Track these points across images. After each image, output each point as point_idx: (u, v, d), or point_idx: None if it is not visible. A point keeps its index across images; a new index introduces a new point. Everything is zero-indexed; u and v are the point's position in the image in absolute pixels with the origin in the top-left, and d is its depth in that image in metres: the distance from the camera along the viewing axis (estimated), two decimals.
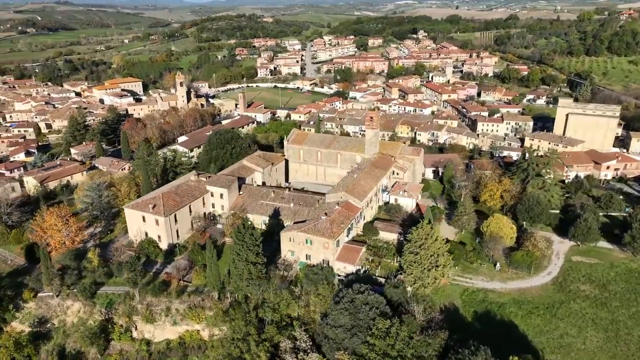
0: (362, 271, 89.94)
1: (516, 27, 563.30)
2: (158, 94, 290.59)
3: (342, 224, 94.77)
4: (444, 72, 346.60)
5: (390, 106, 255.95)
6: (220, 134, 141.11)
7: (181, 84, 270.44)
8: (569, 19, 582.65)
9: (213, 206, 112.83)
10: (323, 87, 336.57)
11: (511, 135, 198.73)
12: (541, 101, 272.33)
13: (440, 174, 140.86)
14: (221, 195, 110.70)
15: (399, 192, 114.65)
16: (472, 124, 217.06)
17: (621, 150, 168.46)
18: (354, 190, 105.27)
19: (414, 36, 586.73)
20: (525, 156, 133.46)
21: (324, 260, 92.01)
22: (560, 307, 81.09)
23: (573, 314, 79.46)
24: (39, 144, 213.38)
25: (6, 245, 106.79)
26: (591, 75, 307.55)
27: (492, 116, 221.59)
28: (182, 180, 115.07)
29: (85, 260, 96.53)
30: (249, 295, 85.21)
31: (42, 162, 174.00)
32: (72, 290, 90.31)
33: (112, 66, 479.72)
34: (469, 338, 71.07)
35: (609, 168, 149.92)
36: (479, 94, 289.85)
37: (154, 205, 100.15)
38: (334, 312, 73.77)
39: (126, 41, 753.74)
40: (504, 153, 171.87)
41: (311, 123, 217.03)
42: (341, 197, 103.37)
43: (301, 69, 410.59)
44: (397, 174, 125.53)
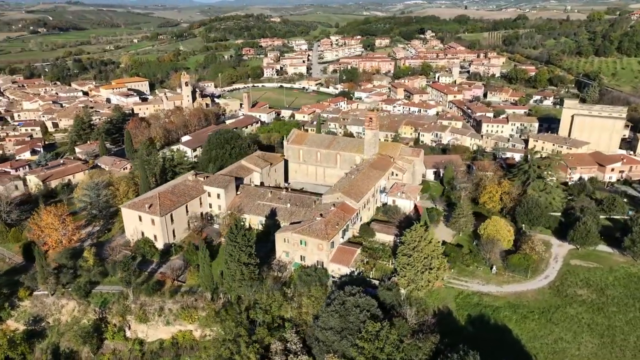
0: (356, 273, 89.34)
1: (525, 27, 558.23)
2: (164, 94, 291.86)
3: (337, 225, 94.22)
4: (450, 72, 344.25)
5: (395, 106, 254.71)
6: (220, 134, 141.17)
7: (186, 84, 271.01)
8: (578, 19, 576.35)
9: (210, 206, 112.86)
10: (328, 87, 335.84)
11: (516, 137, 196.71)
12: (548, 102, 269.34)
13: (441, 175, 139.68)
14: (218, 196, 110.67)
15: (397, 194, 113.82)
16: (477, 124, 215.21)
17: (628, 153, 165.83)
18: (350, 191, 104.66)
19: (422, 36, 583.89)
20: (527, 158, 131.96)
21: (318, 262, 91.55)
22: (556, 311, 79.77)
23: (569, 318, 78.12)
24: (45, 142, 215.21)
25: (5, 244, 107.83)
26: (600, 76, 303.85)
27: (498, 117, 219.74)
28: (180, 180, 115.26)
29: (81, 259, 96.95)
30: (242, 296, 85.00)
31: (46, 160, 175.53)
32: (67, 289, 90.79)
33: (120, 66, 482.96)
34: (461, 342, 70.02)
35: (613, 170, 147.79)
36: (485, 95, 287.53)
37: (150, 205, 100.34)
38: (324, 314, 73.28)
39: (135, 41, 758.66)
40: (507, 154, 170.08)
41: (314, 123, 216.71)
42: (337, 198, 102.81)
43: (307, 69, 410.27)
44: (396, 175, 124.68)
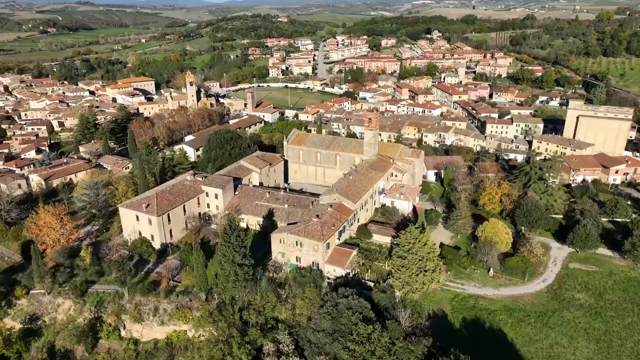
0: (352, 274, 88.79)
1: (533, 27, 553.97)
2: (169, 94, 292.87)
3: (333, 226, 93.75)
4: (456, 73, 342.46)
5: (399, 107, 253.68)
6: (220, 134, 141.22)
7: (191, 84, 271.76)
8: (587, 19, 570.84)
9: (208, 206, 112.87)
10: (333, 88, 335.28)
11: (520, 138, 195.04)
12: (554, 103, 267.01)
13: (442, 176, 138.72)
14: (216, 196, 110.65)
15: (395, 195, 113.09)
16: (482, 125, 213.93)
17: (634, 154, 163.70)
18: (348, 192, 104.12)
19: (428, 36, 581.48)
20: (529, 159, 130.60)
21: (313, 263, 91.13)
22: (552, 315, 78.80)
23: (565, 323, 77.11)
24: (51, 142, 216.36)
25: (5, 242, 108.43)
26: (607, 77, 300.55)
27: (503, 118, 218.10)
28: (178, 180, 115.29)
29: (78, 258, 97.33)
30: (236, 296, 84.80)
31: (50, 159, 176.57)
32: (64, 288, 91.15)
33: (128, 65, 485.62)
34: (454, 345, 69.47)
35: (617, 172, 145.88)
36: (490, 96, 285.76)
37: (147, 205, 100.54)
38: (316, 316, 72.91)
39: (143, 41, 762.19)
40: (510, 156, 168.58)
41: (318, 123, 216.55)
42: (334, 199, 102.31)
43: (313, 69, 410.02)
44: (395, 176, 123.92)
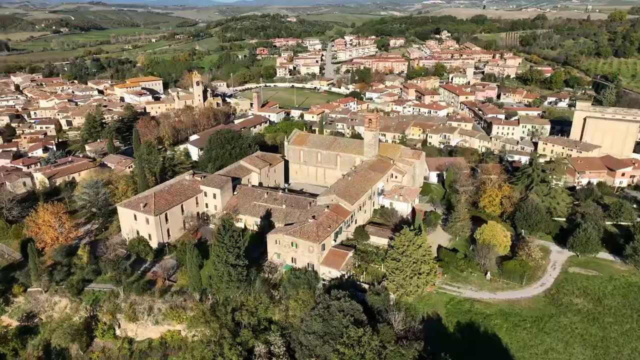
0: (347, 276, 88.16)
1: (543, 27, 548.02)
2: (176, 93, 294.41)
3: (329, 227, 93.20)
4: (464, 73, 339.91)
5: (405, 107, 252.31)
6: (221, 133, 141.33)
7: (197, 83, 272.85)
8: (599, 19, 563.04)
9: (207, 206, 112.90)
10: (340, 88, 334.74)
11: (527, 139, 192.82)
12: (563, 104, 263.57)
13: (444, 177, 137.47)
14: (214, 196, 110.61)
15: (394, 196, 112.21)
16: (488, 126, 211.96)
17: None
18: (345, 193, 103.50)
19: (437, 36, 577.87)
20: (532, 161, 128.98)
21: (309, 264, 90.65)
22: (549, 320, 77.47)
23: (562, 328, 75.76)
24: (58, 140, 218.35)
25: (6, 240, 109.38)
26: (618, 78, 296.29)
27: (510, 119, 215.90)
28: (177, 180, 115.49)
29: (76, 256, 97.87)
30: (231, 297, 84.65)
31: (56, 158, 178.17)
32: (61, 286, 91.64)
33: (137, 65, 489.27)
34: (447, 350, 68.60)
35: (624, 175, 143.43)
36: (498, 96, 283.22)
37: (145, 204, 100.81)
38: (307, 318, 72.45)
39: (153, 40, 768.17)
40: (514, 157, 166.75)
41: (323, 123, 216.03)
42: (332, 200, 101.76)
43: (320, 69, 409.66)
44: (395, 177, 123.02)
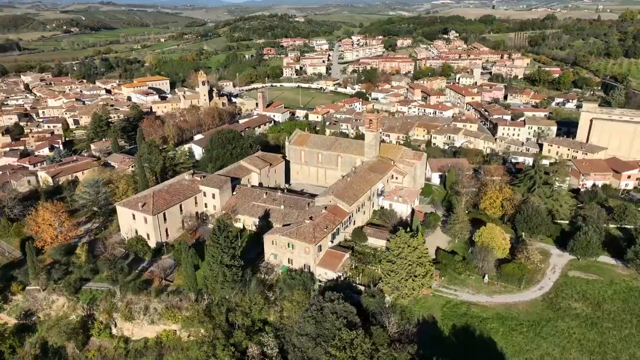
0: (343, 278, 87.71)
1: (553, 27, 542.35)
2: (182, 93, 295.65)
3: (325, 228, 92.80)
4: (471, 73, 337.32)
5: (410, 108, 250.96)
6: (222, 133, 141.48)
7: (203, 83, 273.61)
8: (610, 19, 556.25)
9: (206, 206, 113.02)
10: (346, 88, 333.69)
11: (532, 140, 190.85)
12: (571, 105, 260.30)
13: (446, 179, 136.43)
14: (213, 196, 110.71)
15: (394, 197, 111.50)
16: (494, 127, 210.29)
17: None
18: (344, 194, 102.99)
19: (445, 37, 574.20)
20: (535, 163, 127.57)
21: (305, 265, 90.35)
22: (546, 325, 76.38)
23: (559, 333, 74.64)
24: (65, 139, 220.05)
25: (7, 238, 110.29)
26: (628, 78, 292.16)
27: (516, 120, 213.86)
28: (176, 180, 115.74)
29: (74, 255, 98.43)
30: (226, 297, 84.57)
31: (61, 157, 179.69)
32: (59, 285, 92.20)
33: (145, 65, 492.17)
34: (441, 353, 67.99)
35: (630, 177, 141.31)
36: (505, 97, 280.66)
37: (143, 204, 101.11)
38: (300, 319, 72.13)
39: (162, 40, 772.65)
40: (519, 159, 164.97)
41: (327, 124, 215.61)
42: (330, 201, 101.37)
43: (327, 69, 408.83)
44: (396, 178, 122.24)
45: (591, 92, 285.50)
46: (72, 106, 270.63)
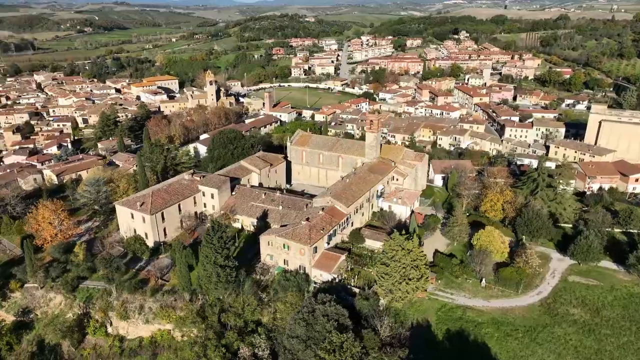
0: (338, 280, 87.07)
1: (565, 27, 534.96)
2: (190, 92, 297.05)
3: (322, 229, 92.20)
4: (481, 74, 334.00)
5: (417, 109, 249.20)
6: (224, 133, 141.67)
7: (211, 83, 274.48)
8: (625, 19, 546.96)
9: (205, 206, 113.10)
10: (354, 88, 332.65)
11: (539, 142, 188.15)
12: (581, 106, 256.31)
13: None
14: (212, 195, 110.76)
15: (393, 199, 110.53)
16: (501, 129, 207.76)
17: None
18: (341, 195, 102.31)
19: (455, 37, 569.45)
20: (539, 165, 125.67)
21: (300, 267, 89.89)
22: (542, 331, 74.95)
23: (555, 339, 73.14)
24: (74, 138, 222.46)
25: (9, 235, 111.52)
26: None
27: (524, 121, 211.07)
28: (176, 179, 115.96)
29: (73, 254, 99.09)
30: (220, 298, 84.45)
31: (67, 155, 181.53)
32: (56, 283, 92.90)
33: (156, 64, 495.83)
34: (434, 358, 67.10)
35: (637, 181, 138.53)
36: (514, 98, 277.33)
37: (142, 203, 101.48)
38: (291, 321, 71.70)
39: (173, 40, 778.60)
40: (524, 161, 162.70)
41: (333, 124, 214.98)
42: (327, 202, 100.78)
43: (335, 69, 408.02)
44: (396, 179, 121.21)
45: (603, 94, 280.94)
46: (82, 105, 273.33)
